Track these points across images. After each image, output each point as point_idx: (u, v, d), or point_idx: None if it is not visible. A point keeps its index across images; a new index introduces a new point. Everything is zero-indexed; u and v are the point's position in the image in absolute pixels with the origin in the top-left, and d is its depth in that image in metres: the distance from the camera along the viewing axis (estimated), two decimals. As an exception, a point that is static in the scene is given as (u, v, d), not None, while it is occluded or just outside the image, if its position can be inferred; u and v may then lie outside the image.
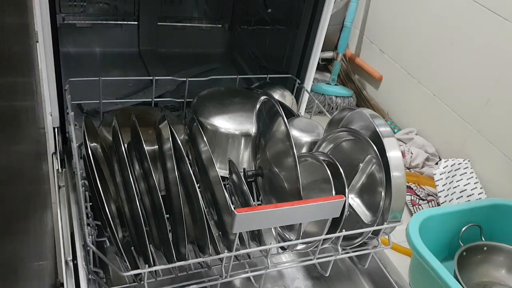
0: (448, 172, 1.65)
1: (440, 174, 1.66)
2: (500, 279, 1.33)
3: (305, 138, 1.00)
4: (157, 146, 0.94)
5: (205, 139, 0.86)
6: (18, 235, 0.50)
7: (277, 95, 1.12)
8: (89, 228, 0.78)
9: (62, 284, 0.78)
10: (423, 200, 1.64)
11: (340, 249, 0.84)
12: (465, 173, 1.64)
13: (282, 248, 0.86)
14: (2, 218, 0.41)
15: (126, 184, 0.83)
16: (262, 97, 0.96)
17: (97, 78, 1.01)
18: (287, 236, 0.88)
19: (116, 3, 1.63)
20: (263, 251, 0.83)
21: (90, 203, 0.89)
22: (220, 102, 1.06)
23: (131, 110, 1.05)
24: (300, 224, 0.80)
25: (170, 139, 0.83)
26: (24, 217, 0.56)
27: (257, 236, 0.85)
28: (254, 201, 0.96)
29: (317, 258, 0.84)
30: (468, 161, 1.67)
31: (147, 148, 0.82)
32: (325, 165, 0.84)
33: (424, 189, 1.68)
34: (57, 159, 1.04)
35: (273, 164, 0.91)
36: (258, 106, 0.98)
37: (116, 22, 1.64)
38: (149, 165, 0.80)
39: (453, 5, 1.71)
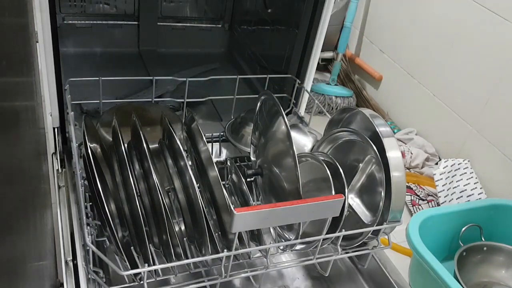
0: (448, 172, 1.65)
1: (440, 174, 1.66)
2: (500, 279, 1.33)
3: (305, 141, 1.00)
4: (157, 145, 0.94)
5: (204, 139, 0.86)
6: (18, 235, 0.50)
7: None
8: (89, 228, 0.78)
9: (62, 284, 0.78)
10: (423, 200, 1.64)
11: (340, 249, 0.84)
12: (465, 173, 1.64)
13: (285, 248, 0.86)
14: (2, 218, 0.41)
15: (126, 184, 0.83)
16: (263, 96, 0.96)
17: (97, 78, 1.01)
18: (287, 236, 0.88)
19: (116, 3, 1.63)
20: (262, 251, 0.83)
21: (90, 203, 0.89)
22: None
23: (126, 107, 1.04)
24: (299, 223, 0.80)
25: (176, 139, 0.83)
26: (24, 217, 0.56)
27: (256, 236, 0.85)
28: (254, 201, 0.96)
29: (317, 258, 0.84)
30: (468, 161, 1.67)
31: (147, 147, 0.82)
32: (325, 165, 0.84)
33: (424, 189, 1.68)
34: (57, 159, 1.04)
35: (273, 164, 0.91)
36: (258, 104, 0.97)
37: (116, 22, 1.64)
38: (149, 165, 0.80)
39: (453, 5, 1.71)
